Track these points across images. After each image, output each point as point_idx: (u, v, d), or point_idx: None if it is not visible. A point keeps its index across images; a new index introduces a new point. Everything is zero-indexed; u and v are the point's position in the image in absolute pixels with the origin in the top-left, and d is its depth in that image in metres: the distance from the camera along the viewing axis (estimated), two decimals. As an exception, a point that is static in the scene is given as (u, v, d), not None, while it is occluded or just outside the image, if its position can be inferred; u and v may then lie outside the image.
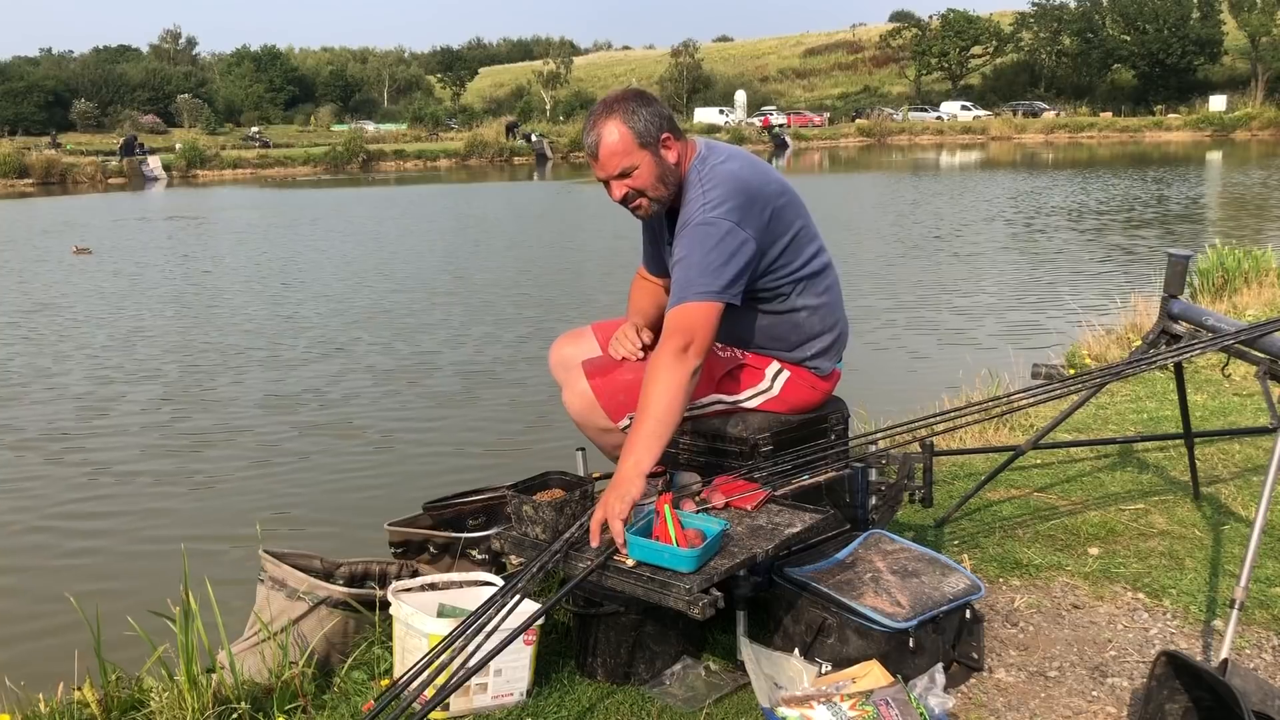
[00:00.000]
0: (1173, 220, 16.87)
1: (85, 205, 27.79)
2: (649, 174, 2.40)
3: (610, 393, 2.53)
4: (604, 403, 2.52)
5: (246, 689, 2.43)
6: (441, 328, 9.68)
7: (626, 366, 2.56)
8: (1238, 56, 62.39)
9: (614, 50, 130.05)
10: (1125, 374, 3.02)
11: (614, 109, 2.39)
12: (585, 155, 2.47)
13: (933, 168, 35.20)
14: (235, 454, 6.12)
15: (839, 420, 2.75)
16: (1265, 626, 2.58)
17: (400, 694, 1.95)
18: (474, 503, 3.08)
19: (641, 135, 2.37)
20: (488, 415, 6.76)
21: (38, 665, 3.42)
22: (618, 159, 2.37)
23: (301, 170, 43.40)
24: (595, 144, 2.39)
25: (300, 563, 2.74)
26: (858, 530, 2.58)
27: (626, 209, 2.48)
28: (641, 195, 2.42)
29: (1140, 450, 3.99)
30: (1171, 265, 3.00)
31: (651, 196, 2.42)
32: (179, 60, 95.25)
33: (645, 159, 2.38)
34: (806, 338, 2.60)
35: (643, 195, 2.42)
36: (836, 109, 66.67)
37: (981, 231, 15.88)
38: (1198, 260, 8.11)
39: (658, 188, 2.42)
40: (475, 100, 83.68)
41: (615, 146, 2.37)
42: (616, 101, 2.41)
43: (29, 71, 77.21)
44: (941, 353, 7.98)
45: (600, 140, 2.38)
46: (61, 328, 10.15)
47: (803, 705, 2.08)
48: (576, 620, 2.44)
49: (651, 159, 2.39)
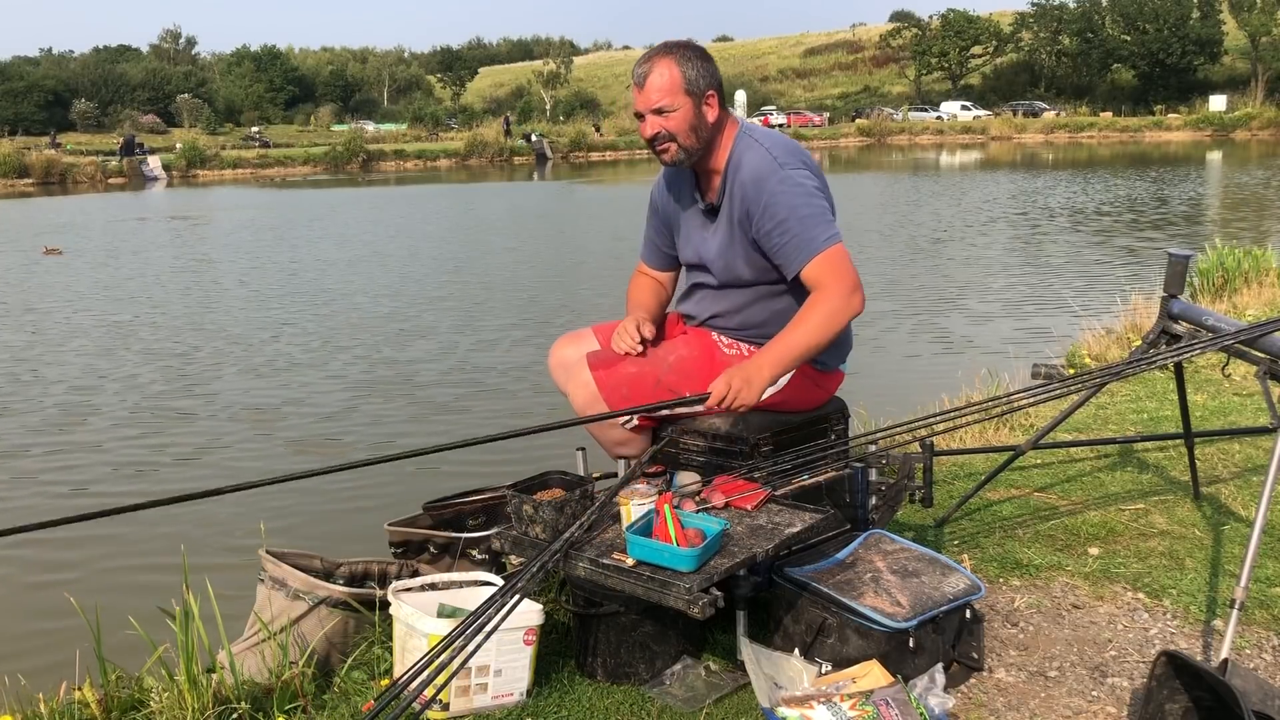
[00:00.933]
0: (1173, 220, 16.86)
1: (80, 205, 27.79)
2: (684, 120, 2.44)
3: (613, 385, 2.53)
4: (606, 395, 2.52)
5: (246, 689, 2.43)
6: (441, 328, 9.68)
7: (629, 360, 2.56)
8: (1238, 56, 62.36)
9: (614, 50, 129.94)
10: (1125, 374, 3.02)
11: (673, 50, 2.47)
12: (631, 84, 2.53)
13: (933, 168, 35.19)
14: (235, 454, 6.12)
15: (839, 420, 2.75)
16: (1265, 626, 2.58)
17: (400, 694, 1.94)
18: (474, 503, 3.08)
19: (690, 82, 2.44)
20: (488, 415, 6.76)
21: (38, 665, 3.42)
22: (660, 94, 2.43)
23: (301, 170, 43.42)
24: (644, 75, 2.45)
25: (300, 563, 2.74)
26: (858, 530, 2.57)
27: (653, 151, 2.51)
28: (672, 140, 2.46)
29: (1140, 450, 3.99)
30: (1171, 265, 3.00)
31: (681, 144, 2.46)
32: (179, 60, 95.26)
33: (686, 105, 2.44)
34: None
35: (673, 140, 2.46)
36: (836, 109, 66.63)
37: (981, 232, 15.87)
38: (1198, 260, 8.11)
39: (689, 136, 2.46)
40: (475, 100, 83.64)
41: (662, 83, 2.43)
42: (678, 45, 2.50)
43: (29, 71, 77.23)
44: (941, 353, 7.98)
45: (650, 72, 2.45)
46: (56, 323, 10.15)
47: (803, 705, 2.08)
48: (576, 620, 2.44)
49: (691, 107, 2.44)
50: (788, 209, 2.41)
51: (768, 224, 2.43)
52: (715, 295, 2.65)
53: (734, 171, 2.51)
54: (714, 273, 2.62)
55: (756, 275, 2.55)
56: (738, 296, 2.61)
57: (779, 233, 2.42)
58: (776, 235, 2.43)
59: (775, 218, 2.42)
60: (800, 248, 2.41)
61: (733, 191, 2.51)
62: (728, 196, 2.53)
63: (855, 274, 2.41)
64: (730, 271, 2.58)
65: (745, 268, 2.54)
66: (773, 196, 2.42)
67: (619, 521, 2.31)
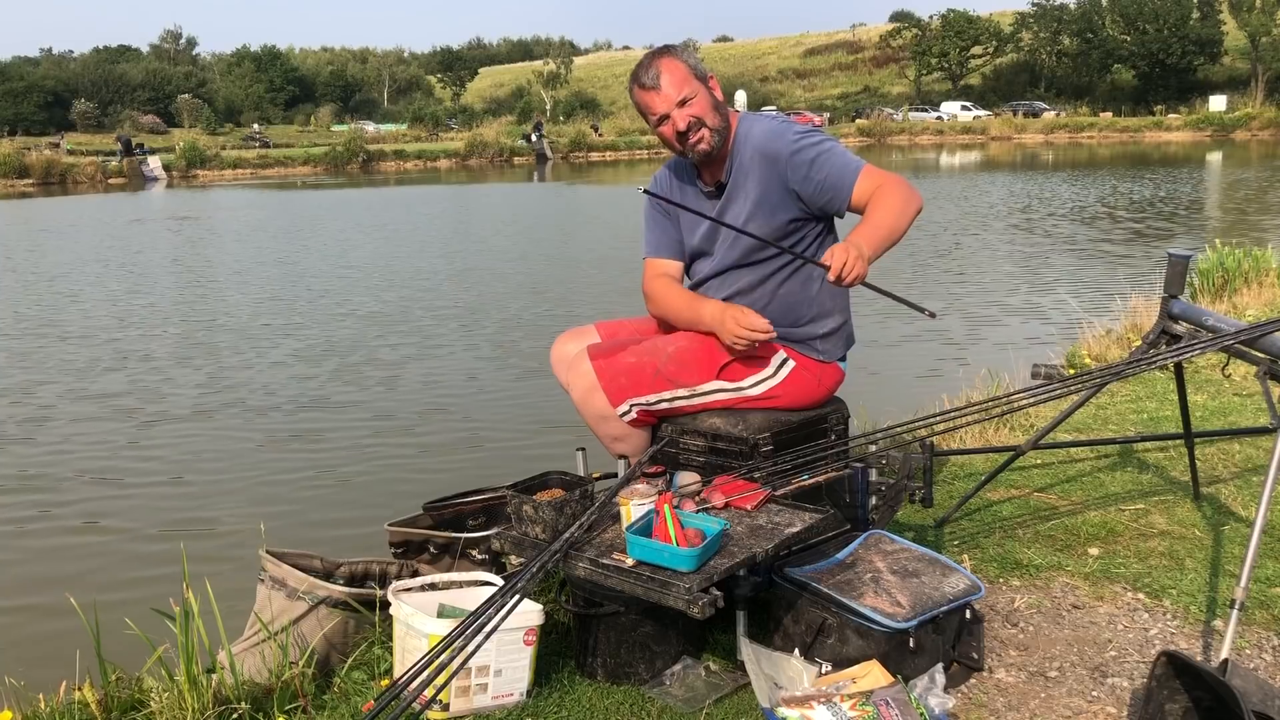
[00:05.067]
0: (1173, 220, 16.86)
1: (77, 206, 27.79)
2: (705, 103, 2.56)
3: (611, 375, 2.54)
4: (604, 384, 2.53)
5: (246, 689, 2.43)
6: (440, 328, 9.67)
7: (629, 350, 2.57)
8: (1238, 56, 62.36)
9: (614, 50, 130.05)
10: (1125, 374, 3.02)
11: (666, 50, 2.61)
12: (637, 97, 2.60)
13: (933, 168, 35.18)
14: (235, 453, 6.12)
15: (839, 420, 2.75)
16: (1265, 626, 2.57)
17: (400, 694, 1.94)
18: (474, 503, 3.08)
19: (695, 69, 2.58)
20: (488, 415, 6.76)
21: (38, 665, 3.41)
22: (679, 87, 2.53)
23: (301, 170, 43.39)
24: (657, 75, 2.54)
25: (300, 563, 2.74)
26: (858, 530, 2.58)
27: (684, 147, 2.58)
28: (702, 125, 2.54)
29: (1140, 450, 3.99)
30: (1171, 265, 3.00)
31: (710, 125, 2.55)
32: (179, 60, 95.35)
33: (701, 90, 2.56)
34: (817, 314, 2.65)
35: (703, 125, 2.54)
36: (836, 109, 66.61)
37: (981, 231, 15.87)
38: (1198, 260, 8.11)
39: (713, 116, 2.56)
40: (475, 100, 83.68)
41: (675, 77, 2.54)
42: (665, 47, 2.62)
43: (29, 71, 77.29)
44: (941, 353, 7.98)
45: (662, 71, 2.54)
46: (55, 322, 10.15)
47: (803, 705, 2.07)
48: (576, 620, 2.44)
49: (705, 91, 2.57)
50: (814, 150, 2.54)
51: (803, 169, 2.53)
52: (719, 281, 2.68)
53: (743, 144, 2.60)
54: (720, 254, 2.65)
55: (775, 234, 2.58)
56: (741, 279, 2.64)
57: (815, 168, 2.53)
58: (816, 173, 2.53)
59: (807, 159, 2.53)
60: (842, 173, 2.53)
61: (745, 160, 2.59)
62: (738, 168, 2.60)
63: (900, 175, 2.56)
64: (739, 246, 2.61)
65: (760, 230, 2.56)
66: (794, 144, 2.54)
67: (619, 521, 2.31)
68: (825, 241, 2.68)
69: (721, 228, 2.62)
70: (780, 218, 2.58)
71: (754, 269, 2.63)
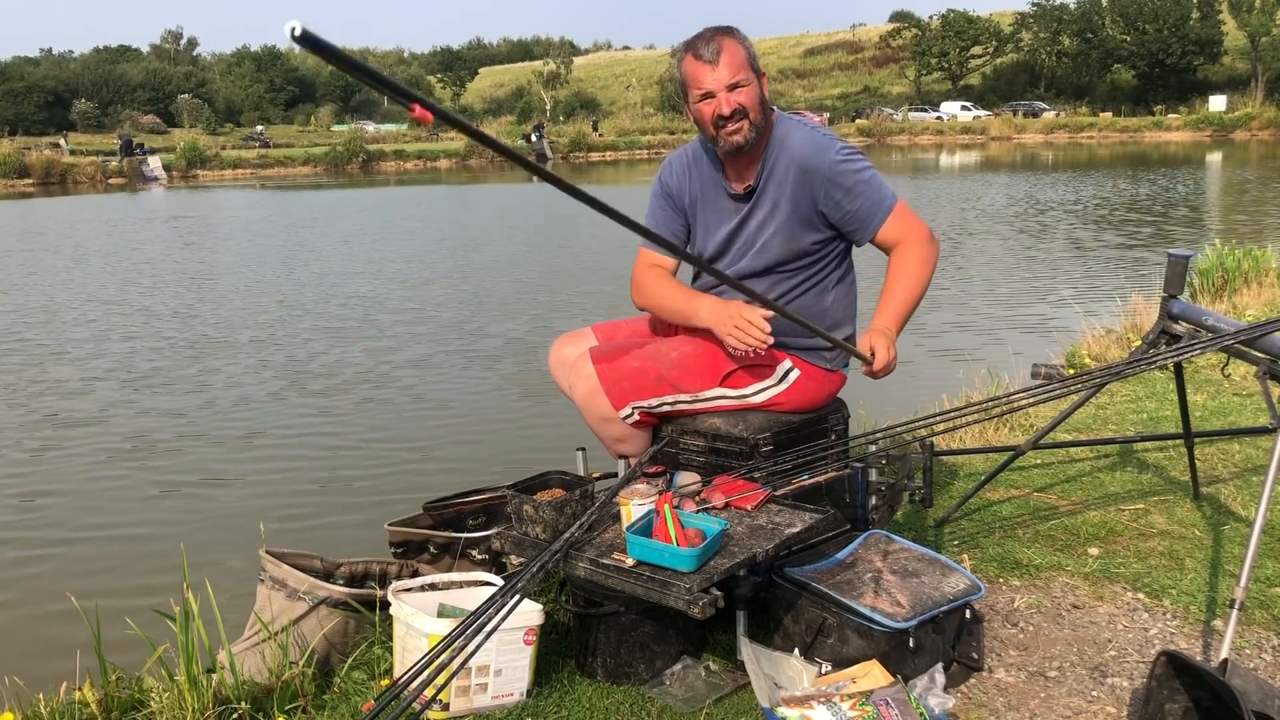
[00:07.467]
0: (1173, 220, 16.86)
1: (75, 206, 27.79)
2: (754, 95, 2.46)
3: (614, 379, 2.52)
4: (607, 388, 2.52)
5: (246, 689, 2.43)
6: (440, 329, 9.68)
7: (632, 353, 2.56)
8: (1238, 56, 62.36)
9: (614, 50, 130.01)
10: (1125, 374, 3.02)
11: (731, 31, 2.48)
12: (688, 67, 2.47)
13: (932, 168, 35.18)
14: (235, 453, 6.12)
15: (839, 420, 2.75)
16: (1265, 626, 2.57)
17: (400, 694, 1.94)
18: (474, 503, 3.08)
19: (754, 60, 2.49)
20: (488, 415, 6.75)
21: (38, 665, 3.41)
22: (735, 70, 2.43)
23: (302, 170, 43.40)
24: (717, 51, 2.43)
25: (300, 563, 2.74)
26: (858, 530, 2.58)
27: (718, 133, 2.47)
28: (745, 116, 2.45)
29: (1140, 450, 3.99)
30: (1171, 265, 3.00)
31: (752, 120, 2.47)
32: (179, 60, 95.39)
33: (754, 81, 2.47)
34: (829, 326, 2.60)
35: (746, 116, 2.45)
36: (836, 109, 66.59)
37: (981, 231, 15.87)
38: (1198, 260, 8.11)
39: (757, 112, 2.47)
40: (475, 100, 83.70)
41: (735, 60, 2.44)
42: (729, 27, 2.50)
43: (29, 71, 77.31)
44: (941, 353, 7.98)
45: (723, 48, 2.44)
46: (54, 323, 10.15)
47: (803, 705, 2.07)
48: (576, 620, 2.44)
49: (757, 84, 2.48)
50: (854, 178, 2.49)
51: (837, 194, 2.49)
52: None
53: (779, 150, 2.51)
54: (738, 259, 2.59)
55: (792, 254, 2.55)
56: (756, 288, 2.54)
57: (850, 200, 2.49)
58: (848, 203, 2.49)
59: (843, 185, 2.48)
60: (873, 210, 2.51)
61: (779, 170, 2.51)
62: (770, 176, 2.52)
63: (924, 223, 2.54)
64: (764, 255, 2.56)
65: (783, 246, 2.53)
66: (835, 167, 2.48)
67: (619, 521, 2.31)
68: (844, 262, 2.66)
69: (743, 232, 2.57)
70: (808, 238, 2.54)
71: (773, 279, 2.58)
